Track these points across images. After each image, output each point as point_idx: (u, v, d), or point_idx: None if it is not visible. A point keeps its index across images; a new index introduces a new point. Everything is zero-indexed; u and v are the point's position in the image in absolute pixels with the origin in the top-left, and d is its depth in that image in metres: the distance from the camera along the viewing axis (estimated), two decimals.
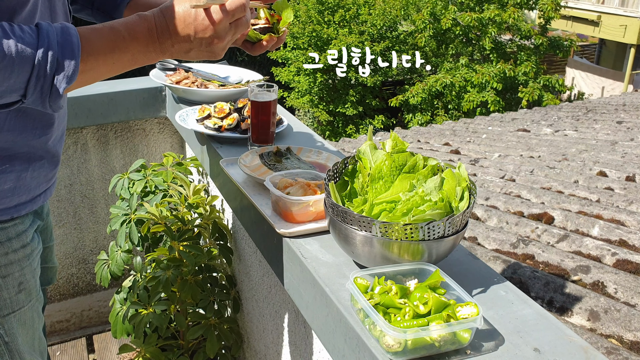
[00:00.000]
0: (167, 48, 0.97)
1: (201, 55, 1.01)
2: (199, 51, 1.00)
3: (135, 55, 0.95)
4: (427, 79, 11.25)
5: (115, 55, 0.93)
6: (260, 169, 1.40)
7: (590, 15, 15.06)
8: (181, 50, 0.99)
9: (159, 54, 0.97)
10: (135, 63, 0.97)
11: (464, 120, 6.47)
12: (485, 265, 1.07)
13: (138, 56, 0.96)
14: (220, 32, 0.99)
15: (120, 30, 0.94)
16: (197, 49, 0.99)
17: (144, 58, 0.97)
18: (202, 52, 1.00)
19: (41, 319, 1.19)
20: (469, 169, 3.72)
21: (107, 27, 0.93)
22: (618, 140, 4.37)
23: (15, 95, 0.85)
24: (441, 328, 0.81)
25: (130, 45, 0.94)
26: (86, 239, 2.44)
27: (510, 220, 2.56)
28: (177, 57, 1.01)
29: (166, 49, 0.97)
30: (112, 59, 0.93)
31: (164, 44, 0.96)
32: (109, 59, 0.92)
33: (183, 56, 1.01)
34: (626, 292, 1.87)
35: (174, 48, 0.98)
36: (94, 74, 0.92)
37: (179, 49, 0.98)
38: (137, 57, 0.96)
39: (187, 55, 1.01)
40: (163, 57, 0.99)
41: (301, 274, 1.10)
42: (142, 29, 0.95)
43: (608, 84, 14.94)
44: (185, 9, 0.96)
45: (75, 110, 2.16)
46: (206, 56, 1.02)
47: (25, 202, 1.06)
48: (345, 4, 11.57)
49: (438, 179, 1.01)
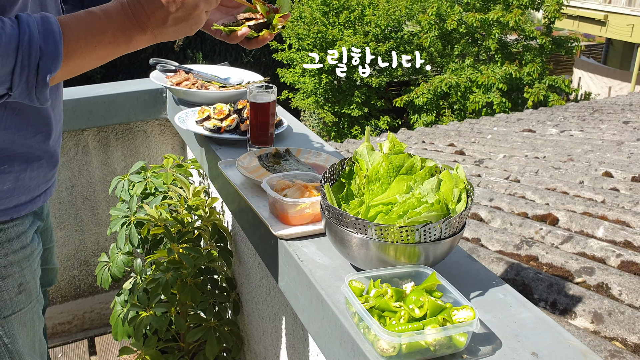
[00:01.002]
0: (144, 22, 0.95)
1: (178, 21, 0.98)
2: (175, 17, 0.97)
3: (115, 34, 0.94)
4: (432, 80, 11.22)
5: (95, 38, 0.92)
6: (258, 171, 1.39)
7: (597, 14, 14.96)
8: (159, 22, 0.96)
9: (138, 30, 0.96)
10: (117, 45, 0.95)
11: (469, 121, 6.44)
12: (484, 267, 1.06)
13: (118, 35, 0.94)
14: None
15: (95, 11, 0.93)
16: (174, 15, 0.96)
17: (124, 37, 0.95)
18: (179, 19, 0.97)
19: (41, 320, 1.18)
20: (473, 169, 3.70)
21: (84, 11, 0.93)
22: (624, 140, 4.33)
23: (2, 89, 0.84)
24: (436, 332, 0.80)
25: (106, 24, 0.93)
26: (87, 240, 2.44)
27: (514, 222, 2.54)
28: (156, 33, 0.98)
29: (143, 22, 0.95)
30: (93, 41, 0.92)
31: (139, 18, 0.95)
32: (90, 42, 0.91)
33: (162, 31, 0.98)
34: (631, 294, 1.84)
35: (151, 21, 0.96)
36: (78, 61, 0.91)
37: (156, 20, 0.96)
38: (117, 36, 0.94)
39: (165, 29, 0.98)
40: (144, 36, 0.97)
41: (297, 276, 1.09)
42: (114, 7, 0.94)
43: (615, 84, 14.85)
44: None
45: (76, 112, 2.16)
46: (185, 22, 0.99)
47: (25, 203, 1.06)
48: (350, 5, 11.55)
49: (435, 180, 0.99)
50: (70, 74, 0.93)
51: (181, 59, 12.99)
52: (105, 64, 10.35)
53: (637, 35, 14.12)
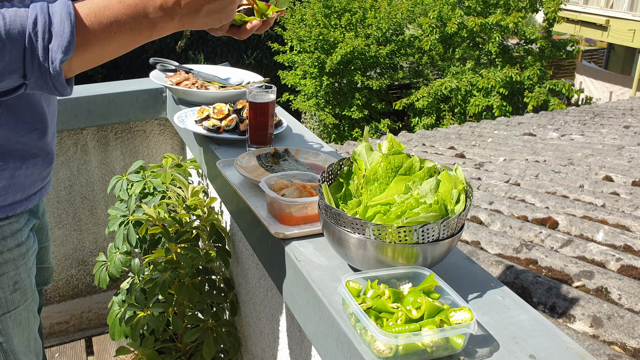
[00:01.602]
0: (174, 8, 0.90)
1: (212, 12, 0.94)
2: (210, 7, 0.93)
3: (139, 22, 0.89)
4: (432, 83, 11.22)
5: (115, 26, 0.87)
6: (257, 171, 1.38)
7: (598, 19, 14.97)
8: (191, 10, 0.92)
9: (165, 19, 0.91)
10: (140, 35, 0.90)
11: (469, 124, 6.43)
12: (482, 269, 1.05)
13: (142, 23, 0.89)
14: None
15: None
16: (210, 6, 0.92)
17: (149, 26, 0.90)
18: (213, 9, 0.93)
19: (37, 319, 1.18)
20: (473, 172, 3.69)
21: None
22: (625, 144, 4.33)
23: (16, 77, 0.82)
24: (433, 333, 0.79)
25: (130, 11, 0.88)
26: (86, 240, 2.43)
27: (514, 225, 2.54)
28: (187, 22, 0.93)
29: (173, 9, 0.90)
30: (112, 29, 0.87)
31: (169, 3, 0.90)
32: (109, 29, 0.87)
33: (193, 20, 0.93)
34: (630, 299, 1.83)
35: (183, 9, 0.91)
36: (95, 50, 0.87)
37: (188, 9, 0.91)
38: (141, 25, 0.89)
39: (197, 18, 0.93)
40: (172, 25, 0.92)
41: (294, 276, 1.08)
42: None
43: (617, 89, 14.84)
44: None
45: (75, 111, 2.16)
46: (218, 15, 0.95)
47: (20, 201, 1.05)
48: (352, 7, 11.56)
49: (434, 181, 0.99)
50: (89, 62, 0.89)
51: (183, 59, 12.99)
52: (107, 64, 10.28)
53: (638, 40, 14.12)
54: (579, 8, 15.52)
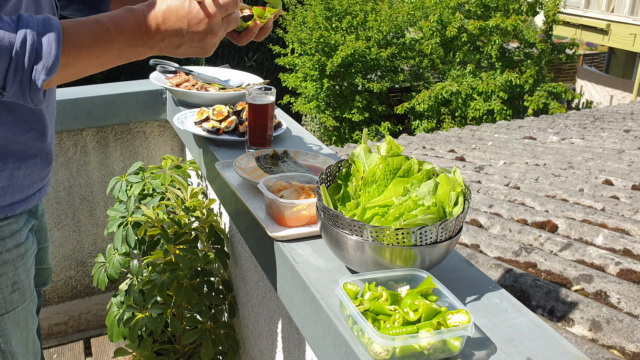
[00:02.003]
0: (156, 43, 0.94)
1: (191, 51, 0.98)
2: (190, 47, 0.97)
3: (121, 49, 0.92)
4: (433, 87, 11.23)
5: (99, 49, 0.90)
6: (255, 172, 1.38)
7: (599, 23, 14.98)
8: (171, 45, 0.96)
9: (146, 48, 0.94)
10: (121, 58, 0.94)
11: (470, 127, 6.43)
12: (480, 272, 1.05)
13: (124, 50, 0.93)
14: (214, 27, 0.96)
15: (106, 22, 0.91)
16: (189, 44, 0.96)
17: (130, 53, 0.94)
18: (193, 48, 0.97)
19: (35, 320, 1.17)
20: (473, 175, 3.69)
21: (92, 20, 0.91)
22: (625, 148, 4.32)
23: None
24: (431, 336, 0.79)
25: (115, 38, 0.91)
26: (85, 241, 2.43)
27: (514, 228, 2.53)
28: (166, 52, 0.98)
29: (155, 43, 0.94)
30: (97, 52, 0.90)
31: (152, 38, 0.94)
32: (93, 52, 0.90)
33: (172, 52, 0.97)
34: (629, 302, 1.83)
35: (164, 43, 0.95)
36: (77, 68, 0.90)
37: (169, 44, 0.95)
38: (123, 51, 0.93)
39: (177, 52, 0.98)
40: (151, 53, 0.96)
41: (292, 278, 1.08)
42: (129, 22, 0.92)
43: (617, 93, 14.84)
44: (177, 3, 0.93)
45: (75, 112, 2.16)
46: (196, 52, 0.98)
47: (19, 201, 1.05)
48: (353, 10, 11.57)
49: (432, 183, 0.98)
50: (66, 79, 0.91)
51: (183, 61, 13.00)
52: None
53: (639, 44, 14.13)
54: (580, 12, 15.53)
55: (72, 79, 0.92)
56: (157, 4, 0.94)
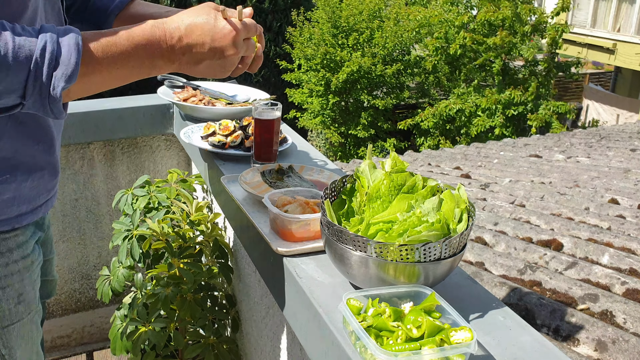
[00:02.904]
0: (177, 57, 0.94)
1: (211, 69, 0.98)
2: (210, 63, 0.97)
3: (142, 61, 0.92)
4: (437, 104, 11.26)
5: (119, 61, 0.90)
6: (260, 187, 1.39)
7: (605, 42, 15.01)
8: (192, 61, 0.96)
9: (167, 62, 0.94)
10: (140, 72, 0.94)
11: (475, 145, 6.44)
12: (484, 289, 1.05)
13: (145, 63, 0.92)
14: (237, 43, 0.97)
15: (128, 35, 0.91)
16: (210, 60, 0.96)
17: (150, 66, 0.93)
18: (213, 65, 0.97)
19: (40, 332, 1.18)
20: (478, 193, 3.69)
21: (112, 31, 0.91)
22: (631, 168, 4.31)
23: (14, 97, 0.83)
24: (433, 352, 0.79)
25: (136, 51, 0.91)
26: (90, 254, 2.44)
27: (519, 246, 2.52)
28: (185, 69, 0.97)
29: (176, 57, 0.94)
30: (116, 64, 0.90)
31: (174, 50, 0.93)
32: (113, 64, 0.90)
33: (192, 69, 0.97)
34: (635, 323, 1.81)
35: (185, 57, 0.95)
36: (96, 80, 0.90)
37: (190, 58, 0.95)
38: (143, 64, 0.92)
39: (196, 68, 0.97)
40: (171, 68, 0.96)
41: (296, 294, 1.08)
42: (151, 33, 0.92)
43: (624, 113, 14.82)
44: (204, 17, 0.94)
45: (82, 125, 2.18)
46: (215, 70, 0.98)
47: (26, 213, 1.06)
48: (360, 27, 11.64)
49: (436, 199, 0.99)
50: (87, 91, 0.91)
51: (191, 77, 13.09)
52: None
53: None
54: (586, 31, 15.58)
55: (90, 92, 0.92)
56: (182, 18, 0.95)
